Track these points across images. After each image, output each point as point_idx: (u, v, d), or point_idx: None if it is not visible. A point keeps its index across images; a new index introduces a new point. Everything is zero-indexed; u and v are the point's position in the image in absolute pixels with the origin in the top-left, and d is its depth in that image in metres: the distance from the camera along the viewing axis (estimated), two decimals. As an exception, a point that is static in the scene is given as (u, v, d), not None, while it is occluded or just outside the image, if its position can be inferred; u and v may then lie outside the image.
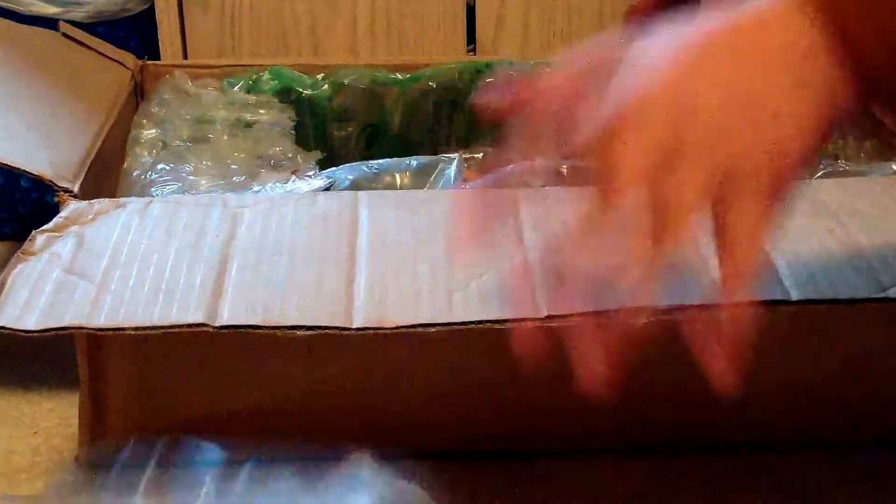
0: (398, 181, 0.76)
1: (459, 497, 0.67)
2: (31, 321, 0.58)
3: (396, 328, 0.57)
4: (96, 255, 0.62)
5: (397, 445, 0.63)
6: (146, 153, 0.79)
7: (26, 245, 0.63)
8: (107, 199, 0.66)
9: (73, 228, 0.64)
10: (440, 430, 0.68)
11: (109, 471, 0.68)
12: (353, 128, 0.93)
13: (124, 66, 0.87)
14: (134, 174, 0.76)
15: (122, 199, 0.67)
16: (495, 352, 0.62)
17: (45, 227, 0.65)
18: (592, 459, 0.70)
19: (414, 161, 0.77)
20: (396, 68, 0.92)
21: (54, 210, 0.67)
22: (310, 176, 0.75)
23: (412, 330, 0.57)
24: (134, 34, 0.97)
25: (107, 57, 0.87)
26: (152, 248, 0.63)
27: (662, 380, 0.65)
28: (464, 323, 0.57)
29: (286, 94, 0.89)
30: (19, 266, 0.62)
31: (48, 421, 0.73)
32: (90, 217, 0.65)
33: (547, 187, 0.68)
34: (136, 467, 0.67)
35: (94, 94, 0.81)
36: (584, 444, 0.69)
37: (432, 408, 0.67)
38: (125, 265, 0.62)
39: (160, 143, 0.80)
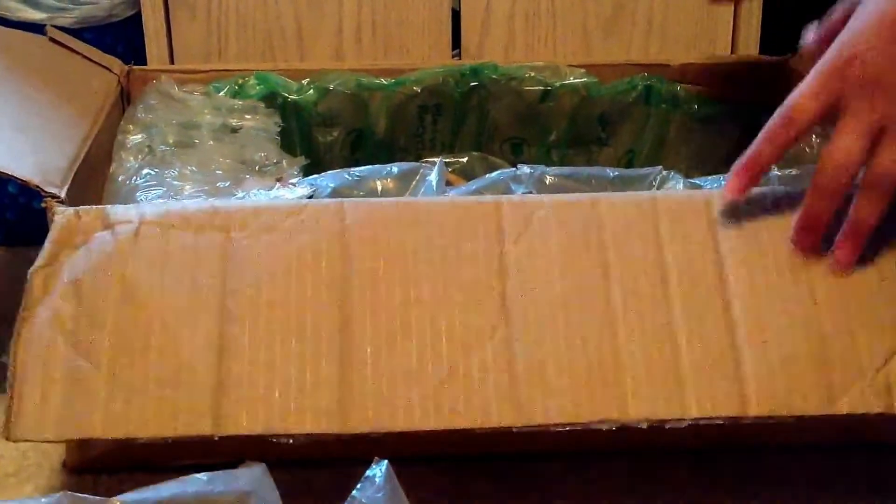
0: (379, 188, 0.75)
1: (443, 500, 0.68)
2: (50, 431, 0.59)
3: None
4: (98, 323, 0.62)
5: (382, 449, 0.64)
6: (132, 158, 0.78)
7: (26, 296, 0.63)
8: (94, 211, 0.65)
9: (67, 266, 0.63)
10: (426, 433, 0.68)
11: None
12: (338, 132, 0.93)
13: (111, 71, 0.87)
14: (119, 179, 0.76)
15: (109, 213, 0.65)
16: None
17: (38, 262, 0.64)
18: (578, 461, 0.70)
19: (395, 168, 0.76)
20: (381, 73, 0.92)
21: (42, 216, 0.67)
22: (293, 184, 0.75)
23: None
24: (121, 39, 0.97)
25: (93, 62, 0.87)
26: (151, 311, 0.62)
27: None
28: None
29: (272, 99, 0.89)
30: (24, 334, 0.62)
31: (36, 425, 0.73)
32: (80, 241, 0.64)
33: (531, 194, 0.69)
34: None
35: (81, 99, 0.81)
36: (571, 447, 0.70)
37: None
38: (127, 348, 0.61)
39: (146, 148, 0.80)
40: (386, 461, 0.58)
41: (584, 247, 0.64)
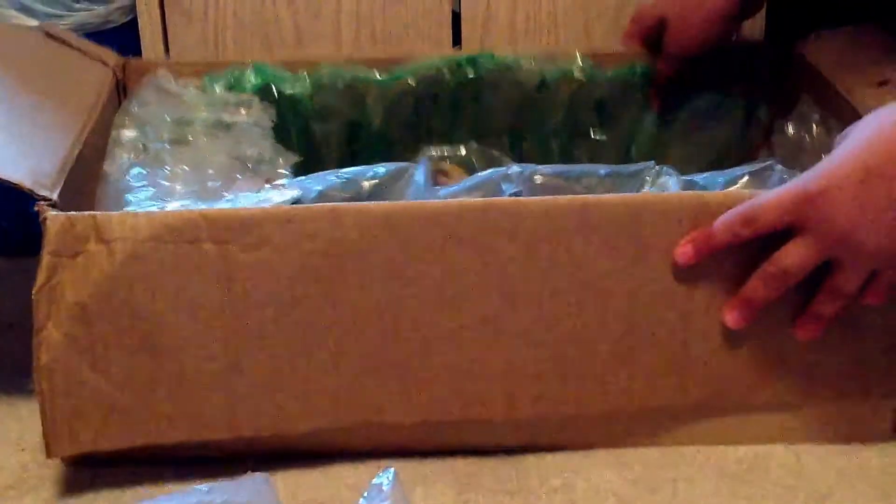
0: (367, 187, 0.74)
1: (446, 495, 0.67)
2: (85, 445, 0.67)
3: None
4: (111, 346, 0.65)
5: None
6: (125, 155, 0.78)
7: (35, 317, 0.65)
8: (86, 219, 0.65)
9: (68, 285, 0.65)
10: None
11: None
12: (335, 125, 0.92)
13: (106, 64, 0.86)
14: (111, 178, 0.75)
15: (102, 224, 0.65)
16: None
17: (39, 279, 0.65)
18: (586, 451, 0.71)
19: (381, 168, 0.75)
20: (377, 64, 0.91)
21: (35, 219, 0.66)
22: (282, 184, 0.74)
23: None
24: (117, 45, 0.96)
25: (88, 55, 0.85)
26: (159, 335, 0.66)
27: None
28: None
29: (267, 92, 0.89)
30: (43, 359, 0.65)
31: (36, 437, 0.72)
32: (75, 252, 0.65)
33: (522, 197, 0.69)
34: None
35: (76, 94, 0.80)
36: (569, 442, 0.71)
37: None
38: (142, 368, 0.66)
39: (140, 145, 0.79)
40: (392, 469, 0.58)
41: (567, 259, 0.66)
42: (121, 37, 0.97)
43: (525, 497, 0.68)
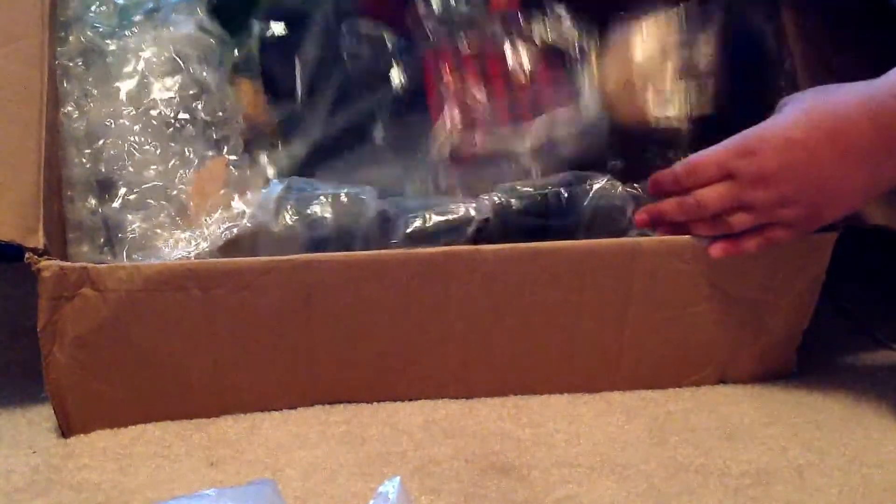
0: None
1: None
2: (92, 426, 0.75)
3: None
4: (111, 365, 0.73)
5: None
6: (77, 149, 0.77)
7: (42, 346, 0.71)
8: (78, 269, 0.70)
9: (69, 322, 0.71)
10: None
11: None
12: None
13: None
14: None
15: (92, 274, 0.70)
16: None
17: (41, 321, 0.70)
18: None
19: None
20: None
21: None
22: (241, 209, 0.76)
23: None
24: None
25: None
26: (153, 356, 0.74)
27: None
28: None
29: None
30: (52, 373, 0.72)
31: (47, 441, 0.73)
32: (71, 295, 0.70)
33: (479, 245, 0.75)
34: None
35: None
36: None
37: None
38: (139, 377, 0.74)
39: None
40: (398, 478, 0.58)
41: (517, 289, 0.76)
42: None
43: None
